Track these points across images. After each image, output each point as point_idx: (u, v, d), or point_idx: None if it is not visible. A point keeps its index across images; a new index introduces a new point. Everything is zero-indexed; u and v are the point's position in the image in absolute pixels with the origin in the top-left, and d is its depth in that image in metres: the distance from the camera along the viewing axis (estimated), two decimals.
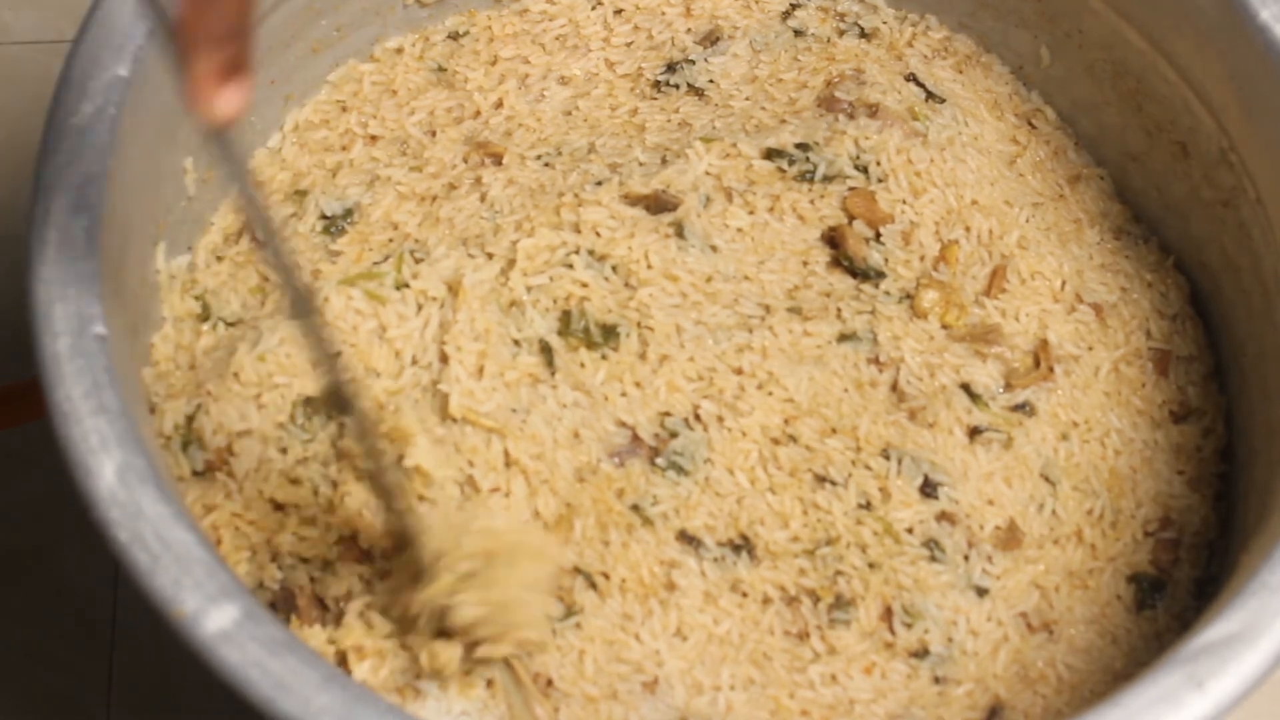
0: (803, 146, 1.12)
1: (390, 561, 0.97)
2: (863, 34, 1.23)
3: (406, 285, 1.04)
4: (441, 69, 1.20)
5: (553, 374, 1.03)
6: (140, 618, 1.23)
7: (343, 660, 0.95)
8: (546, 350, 1.03)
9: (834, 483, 1.03)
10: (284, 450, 1.01)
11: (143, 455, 0.86)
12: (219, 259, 1.09)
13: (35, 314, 0.89)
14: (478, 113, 1.17)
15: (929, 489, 1.04)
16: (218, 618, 0.81)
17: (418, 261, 1.05)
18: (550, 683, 0.97)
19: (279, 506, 0.99)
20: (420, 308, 1.04)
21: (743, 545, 1.01)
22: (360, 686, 0.81)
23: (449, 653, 0.92)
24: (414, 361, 1.03)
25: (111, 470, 0.85)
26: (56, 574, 1.26)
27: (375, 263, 1.06)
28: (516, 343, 1.03)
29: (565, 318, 1.04)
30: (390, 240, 1.10)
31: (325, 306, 1.02)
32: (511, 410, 1.01)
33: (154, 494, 0.85)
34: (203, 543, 0.84)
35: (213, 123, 0.72)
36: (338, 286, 1.03)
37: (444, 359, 1.02)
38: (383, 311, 1.03)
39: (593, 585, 0.99)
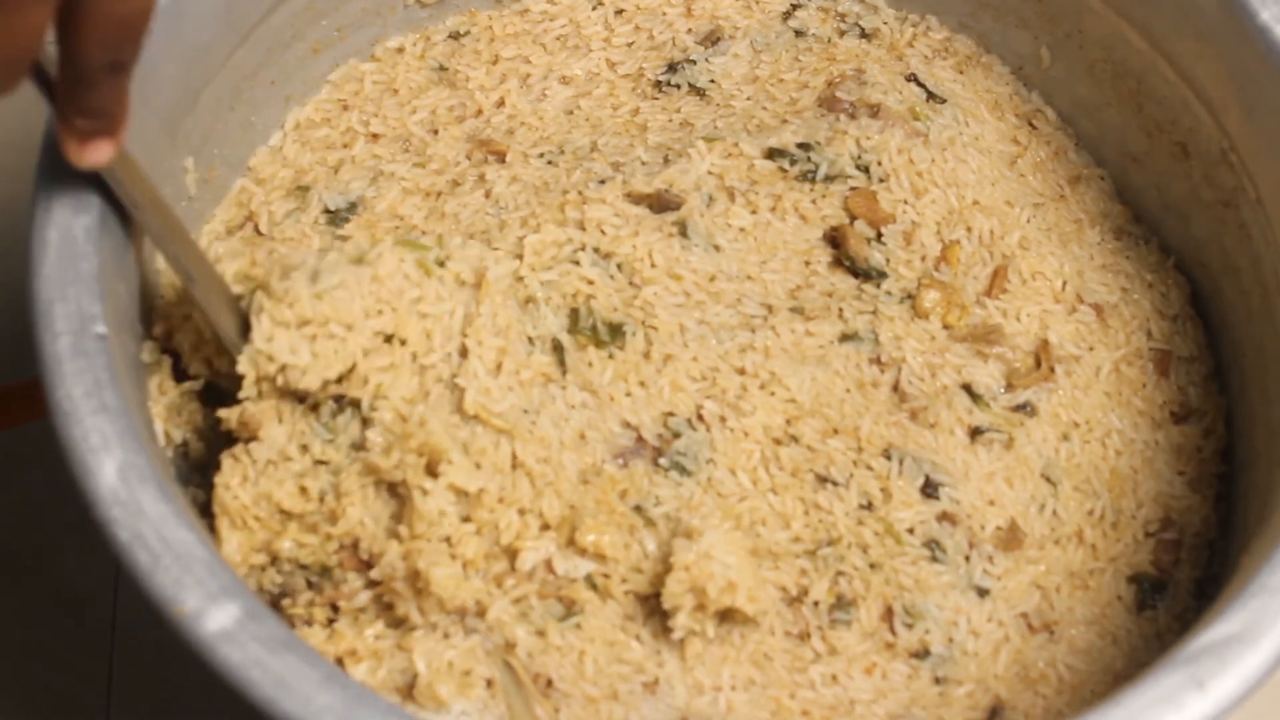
0: (804, 146, 1.12)
1: None
2: (863, 34, 1.23)
3: (444, 264, 1.02)
4: (443, 68, 1.20)
5: (564, 373, 1.02)
6: (140, 618, 1.23)
7: (339, 665, 0.95)
8: (559, 349, 1.03)
9: (835, 483, 1.03)
10: (304, 448, 1.00)
11: (143, 454, 0.86)
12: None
13: (35, 314, 0.89)
14: (479, 111, 1.17)
15: (930, 489, 1.04)
16: (219, 617, 0.81)
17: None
18: (550, 683, 0.97)
19: (283, 511, 0.99)
20: (452, 292, 1.02)
21: None
22: (361, 686, 0.81)
23: None
24: (440, 347, 1.02)
25: (112, 469, 0.85)
26: (56, 574, 1.26)
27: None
28: (531, 340, 1.03)
29: (574, 315, 1.04)
30: (397, 229, 1.10)
31: (379, 261, 0.99)
32: (523, 411, 1.01)
33: (155, 493, 0.85)
34: (203, 541, 0.84)
35: (79, 167, 0.85)
36: (394, 246, 1.00)
37: (464, 353, 1.01)
38: (425, 284, 1.01)
39: (593, 585, 0.99)
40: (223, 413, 0.99)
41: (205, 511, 0.98)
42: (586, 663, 0.97)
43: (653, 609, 0.99)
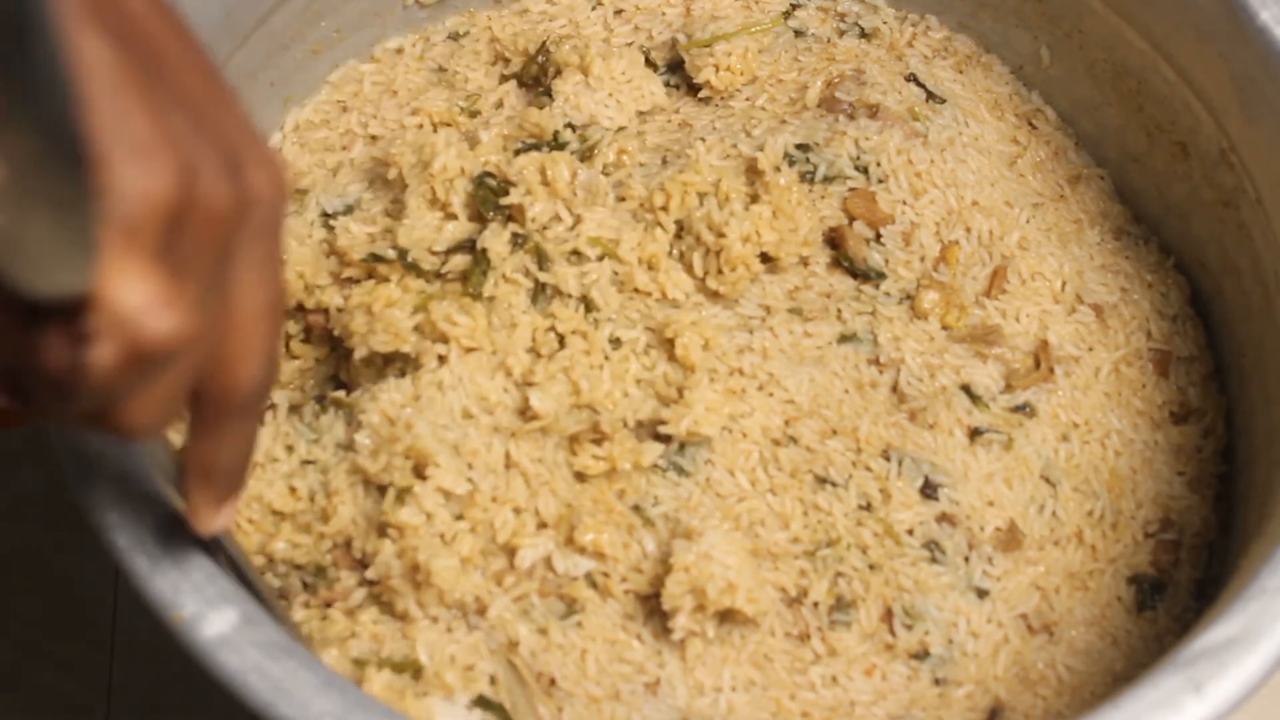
0: (803, 147, 1.12)
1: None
2: (863, 34, 1.23)
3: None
4: (442, 69, 1.20)
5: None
6: (140, 618, 1.23)
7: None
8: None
9: (834, 484, 1.03)
10: (290, 448, 1.01)
11: (141, 458, 0.86)
12: None
13: None
14: (478, 114, 1.17)
15: (929, 490, 1.04)
16: (216, 622, 0.81)
17: None
18: (553, 682, 0.97)
19: (275, 512, 0.99)
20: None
21: None
22: (359, 691, 0.81)
23: None
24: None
25: (110, 472, 0.85)
26: (56, 574, 1.26)
27: None
28: (533, 336, 1.03)
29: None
30: None
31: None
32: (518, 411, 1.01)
33: (152, 497, 0.85)
34: (201, 546, 0.84)
35: (205, 535, 0.82)
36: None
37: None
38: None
39: (593, 584, 0.99)
40: None
41: None
42: (589, 662, 0.97)
43: (653, 609, 0.99)
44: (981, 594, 1.02)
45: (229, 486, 0.79)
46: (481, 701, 0.96)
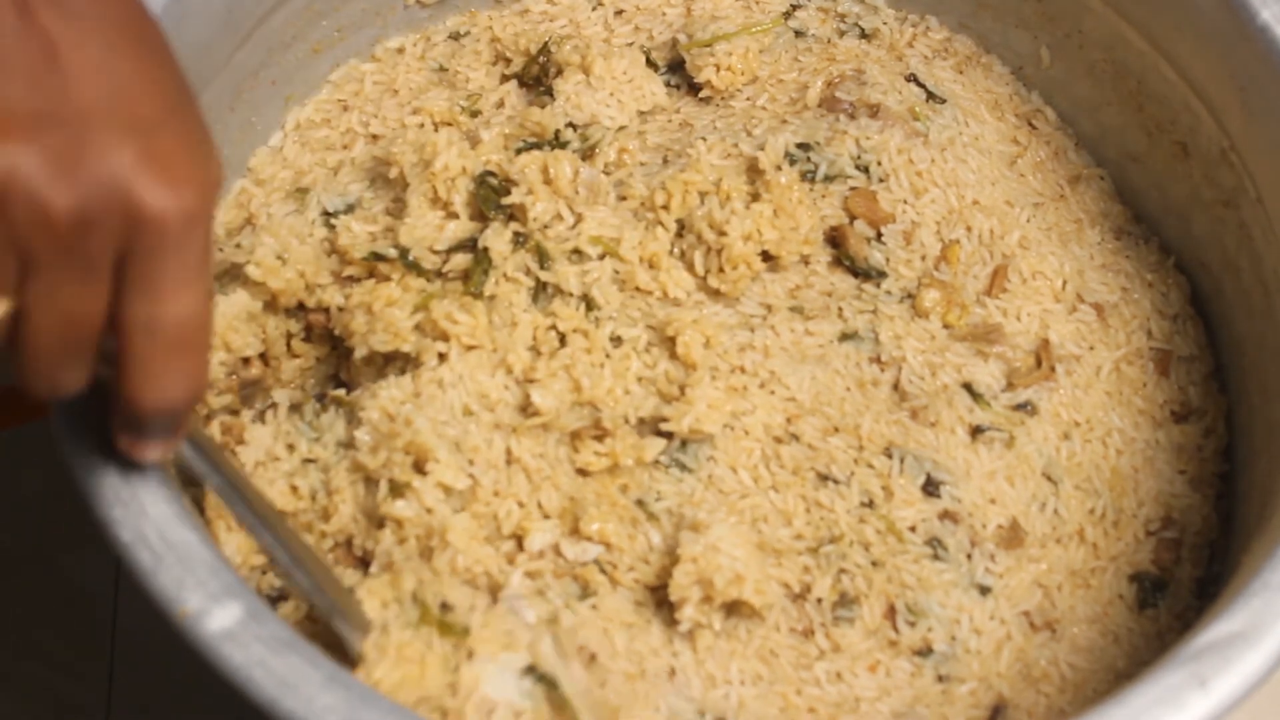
0: (804, 146, 1.12)
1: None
2: (863, 34, 1.23)
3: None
4: (443, 69, 1.20)
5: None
6: (140, 618, 1.23)
7: None
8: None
9: (837, 481, 1.03)
10: (291, 447, 1.00)
11: None
12: (219, 250, 1.09)
13: None
14: (479, 113, 1.17)
15: (931, 488, 1.04)
16: (221, 617, 0.81)
17: None
18: (594, 657, 0.97)
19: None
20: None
21: None
22: (365, 686, 0.81)
23: None
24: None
25: (114, 469, 0.85)
26: (56, 574, 1.26)
27: None
28: (534, 334, 1.03)
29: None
30: None
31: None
32: (519, 407, 1.01)
33: (157, 494, 0.85)
34: (205, 541, 0.84)
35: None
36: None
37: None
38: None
39: (603, 571, 0.99)
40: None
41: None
42: (615, 639, 0.97)
43: (660, 601, 0.99)
44: (984, 591, 1.02)
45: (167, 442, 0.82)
46: (531, 671, 0.95)
